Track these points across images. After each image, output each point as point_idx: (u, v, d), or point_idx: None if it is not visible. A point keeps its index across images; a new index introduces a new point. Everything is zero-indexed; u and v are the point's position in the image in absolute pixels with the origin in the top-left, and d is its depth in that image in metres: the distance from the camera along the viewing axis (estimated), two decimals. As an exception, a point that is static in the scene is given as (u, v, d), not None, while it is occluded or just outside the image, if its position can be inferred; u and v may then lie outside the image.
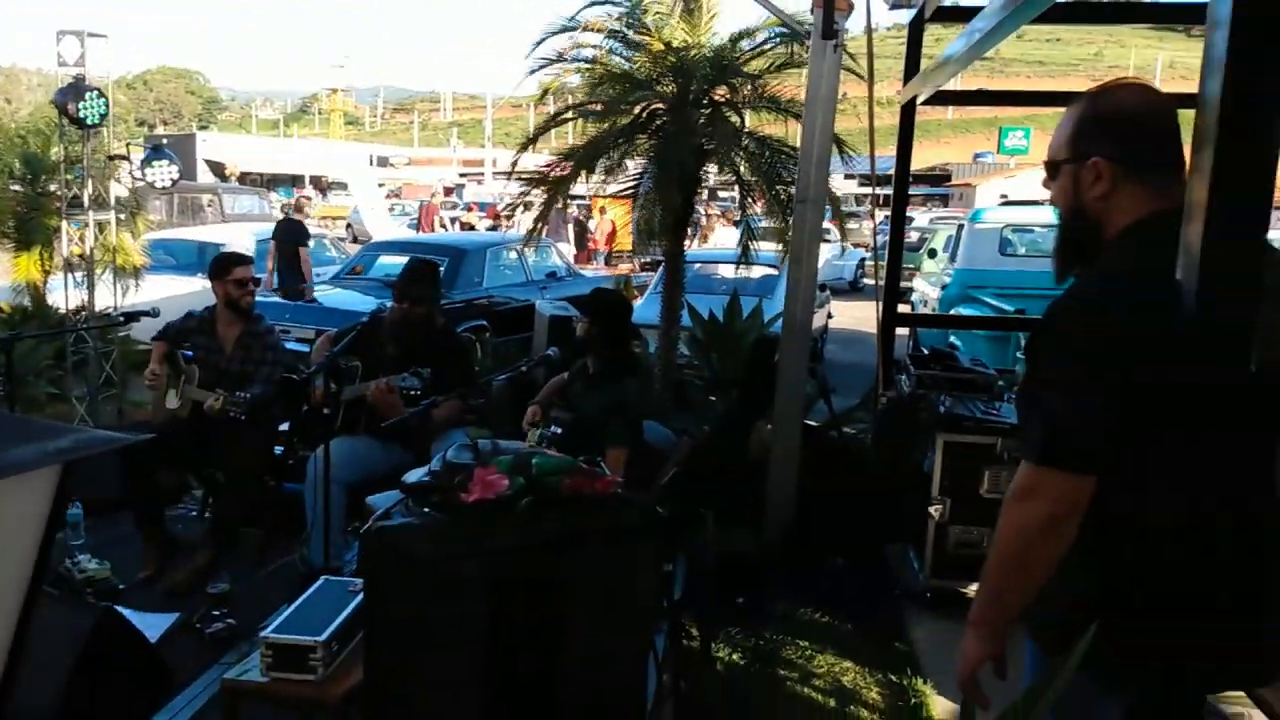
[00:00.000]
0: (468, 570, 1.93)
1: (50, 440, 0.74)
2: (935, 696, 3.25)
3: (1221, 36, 1.39)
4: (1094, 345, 1.52)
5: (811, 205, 4.71)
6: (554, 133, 7.53)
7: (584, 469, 2.16)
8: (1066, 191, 1.70)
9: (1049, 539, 1.56)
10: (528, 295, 9.13)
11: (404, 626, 2.02)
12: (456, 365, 4.31)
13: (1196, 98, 1.45)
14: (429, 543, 1.97)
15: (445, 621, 1.98)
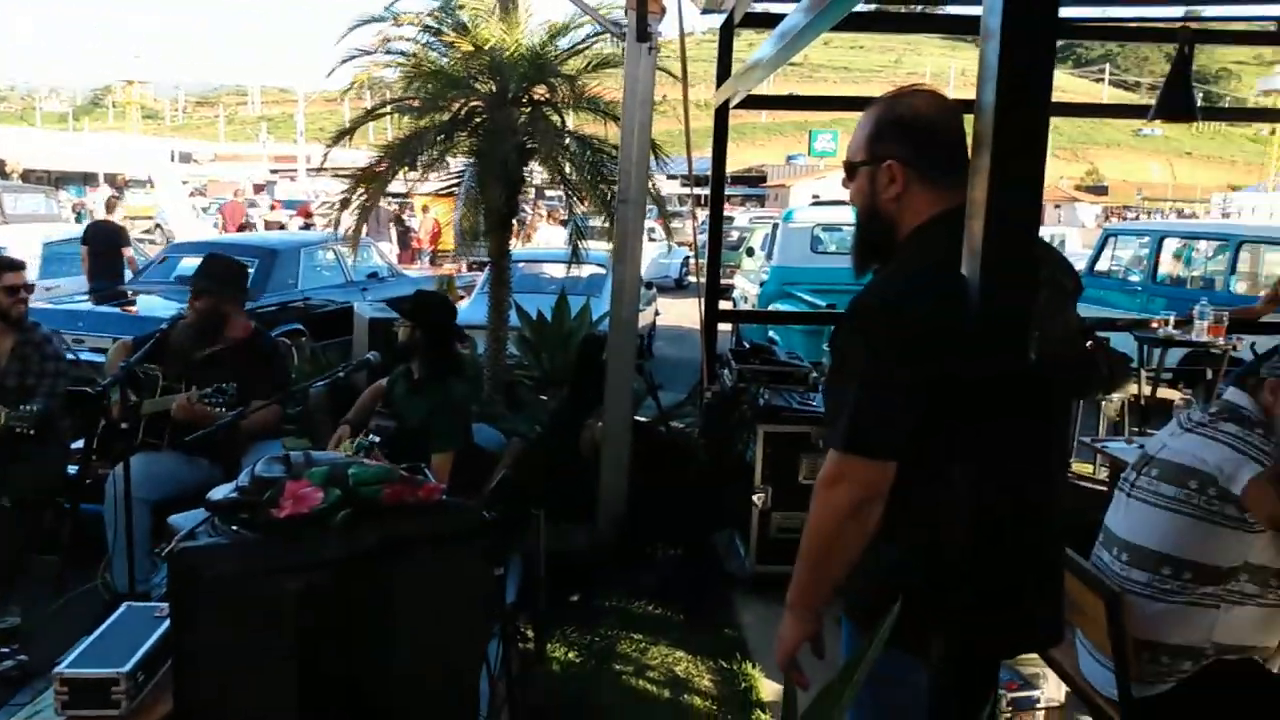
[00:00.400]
0: (282, 589, 1.84)
1: None
2: (764, 680, 3.37)
3: (993, 47, 1.50)
4: (890, 338, 1.61)
5: (633, 205, 4.78)
6: (373, 129, 7.29)
7: (405, 477, 2.10)
8: (863, 192, 1.78)
9: (855, 523, 1.64)
10: (347, 297, 8.81)
11: (216, 652, 1.91)
12: (268, 370, 4.11)
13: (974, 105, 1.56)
14: (239, 562, 1.86)
15: (260, 644, 1.88)
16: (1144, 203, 51.71)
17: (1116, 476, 3.87)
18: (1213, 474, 2.19)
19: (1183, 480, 2.24)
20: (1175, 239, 9.53)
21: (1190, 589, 2.19)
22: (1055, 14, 1.54)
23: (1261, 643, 2.23)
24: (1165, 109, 5.46)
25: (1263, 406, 2.28)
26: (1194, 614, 2.20)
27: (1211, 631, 2.19)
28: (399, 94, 6.49)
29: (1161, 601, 2.23)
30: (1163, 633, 2.23)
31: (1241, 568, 2.17)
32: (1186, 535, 2.21)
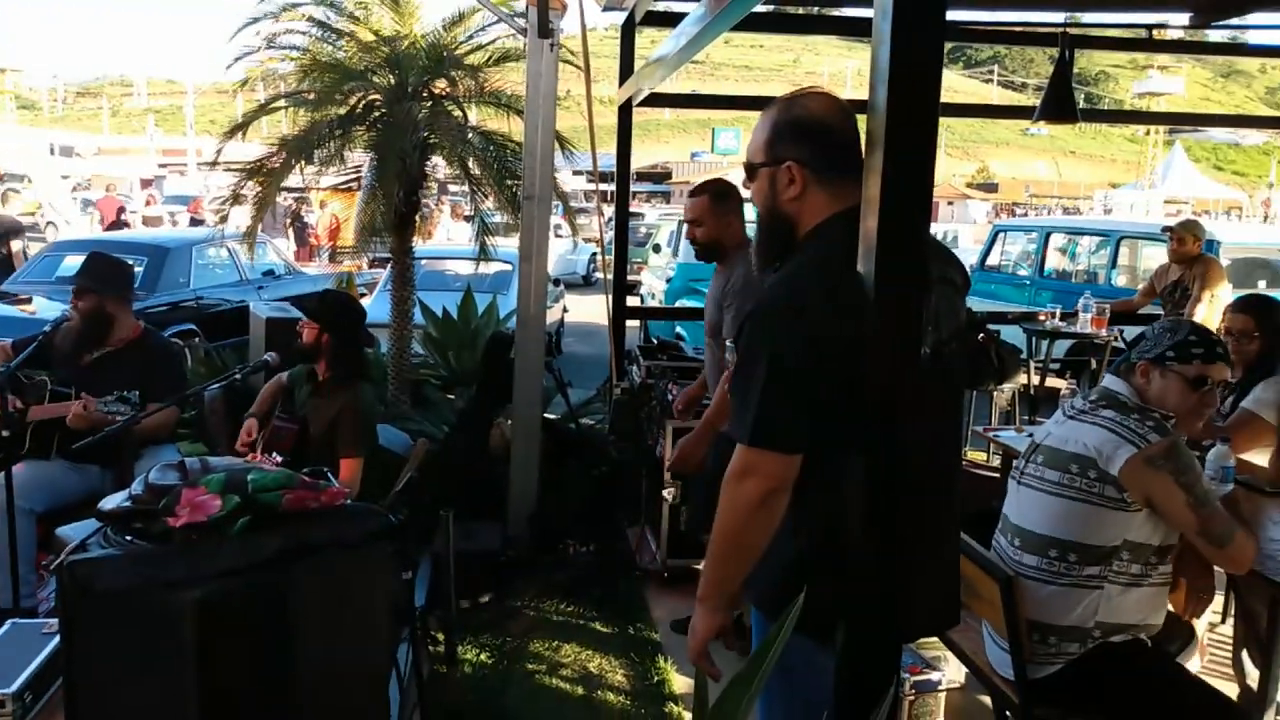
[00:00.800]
0: (180, 600, 1.77)
1: None
2: (676, 674, 3.40)
3: (884, 50, 1.55)
4: (791, 335, 1.64)
5: (539, 202, 4.76)
6: (267, 122, 7.08)
7: (306, 481, 2.04)
8: (764, 193, 1.82)
9: (762, 515, 1.68)
10: (242, 296, 8.54)
11: (111, 668, 1.83)
12: (160, 372, 3.94)
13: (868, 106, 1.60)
14: (134, 574, 1.79)
15: (158, 658, 1.81)
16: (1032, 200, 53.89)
17: (1009, 464, 4.04)
18: (1092, 457, 2.30)
19: (1065, 465, 2.34)
20: (1061, 235, 9.97)
21: (1075, 570, 2.30)
22: (943, 17, 1.59)
23: (1145, 620, 2.35)
24: (1049, 111, 5.71)
25: (1136, 390, 2.40)
26: (1080, 595, 2.30)
27: (1096, 612, 2.30)
28: (294, 87, 6.31)
29: (1050, 584, 2.33)
30: (1052, 614, 2.33)
31: (1122, 546, 2.28)
32: (1070, 518, 2.32)
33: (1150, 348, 2.43)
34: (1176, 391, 2.37)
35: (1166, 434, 2.27)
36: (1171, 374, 2.37)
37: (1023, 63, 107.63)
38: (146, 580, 1.78)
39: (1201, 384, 2.37)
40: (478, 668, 3.46)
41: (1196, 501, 2.24)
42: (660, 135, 77.09)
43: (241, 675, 1.85)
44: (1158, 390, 2.39)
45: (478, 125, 6.20)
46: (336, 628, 1.98)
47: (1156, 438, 2.25)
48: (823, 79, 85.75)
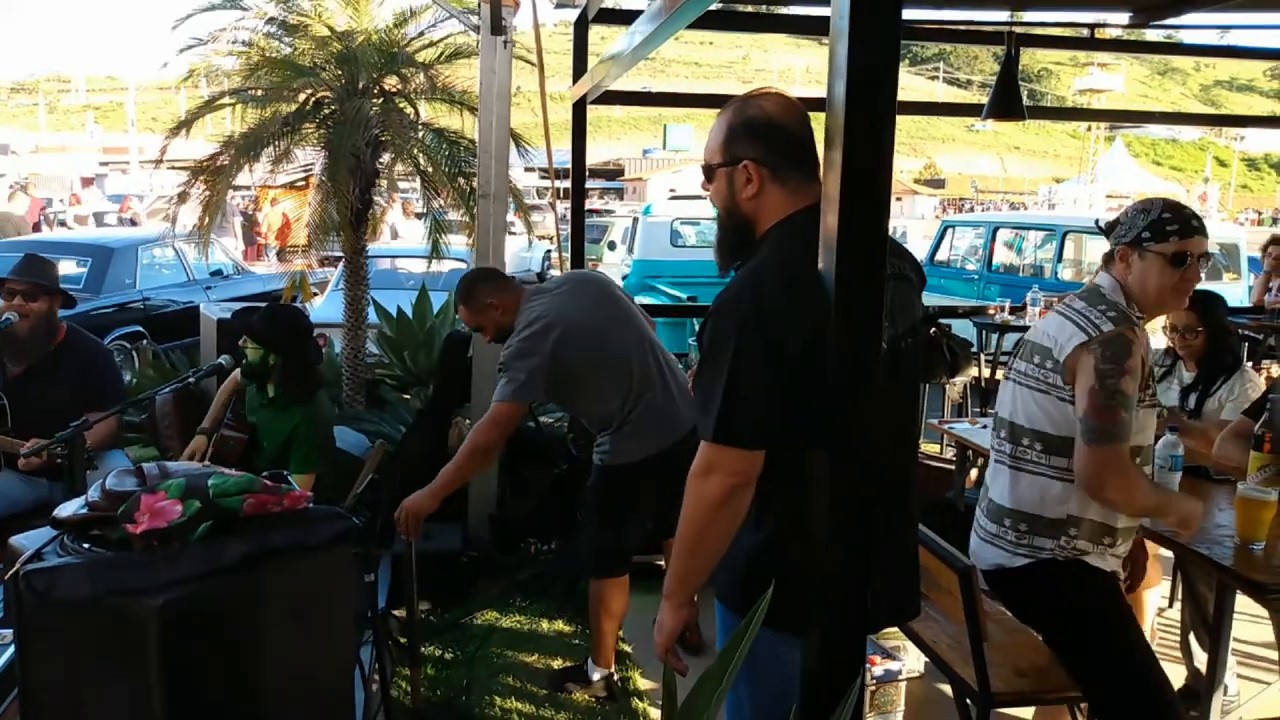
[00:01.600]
0: (142, 608, 1.74)
1: None
2: (639, 671, 3.42)
3: (842, 46, 1.57)
4: (753, 332, 1.67)
5: (494, 199, 4.75)
6: (213, 119, 6.94)
7: (269, 485, 2.02)
8: (722, 194, 1.84)
9: (727, 511, 1.71)
10: (190, 296, 8.39)
11: (70, 680, 1.80)
12: (99, 375, 3.83)
13: (825, 103, 1.63)
14: (93, 582, 1.76)
15: (121, 668, 1.78)
16: (978, 195, 54.79)
17: (963, 456, 4.13)
18: (1049, 346, 2.31)
19: (1031, 356, 2.37)
20: (1008, 230, 10.17)
21: (1043, 460, 2.33)
22: (899, 13, 1.61)
23: (1119, 524, 2.33)
24: (996, 109, 5.81)
25: (1118, 278, 2.35)
26: (1049, 485, 2.32)
27: (1066, 503, 2.31)
28: (240, 83, 6.21)
29: (1023, 471, 2.37)
30: (1025, 503, 2.36)
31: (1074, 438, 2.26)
32: (1035, 407, 2.33)
33: (1125, 232, 2.36)
34: (1156, 272, 2.29)
35: (1124, 325, 2.22)
36: (1150, 254, 2.29)
37: (967, 60, 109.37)
38: (107, 588, 1.75)
39: (1181, 261, 2.28)
40: (440, 668, 3.45)
41: (1102, 391, 2.17)
42: (612, 131, 76.97)
43: (206, 681, 1.82)
44: (1138, 274, 2.31)
45: (429, 122, 6.16)
46: (301, 631, 1.97)
47: (1110, 328, 2.21)
48: (772, 75, 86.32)
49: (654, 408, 3.16)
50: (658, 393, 3.19)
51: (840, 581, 1.69)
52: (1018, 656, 2.60)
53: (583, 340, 3.11)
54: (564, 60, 6.31)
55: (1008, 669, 2.53)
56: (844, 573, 1.69)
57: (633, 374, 3.17)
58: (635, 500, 3.27)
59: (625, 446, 3.18)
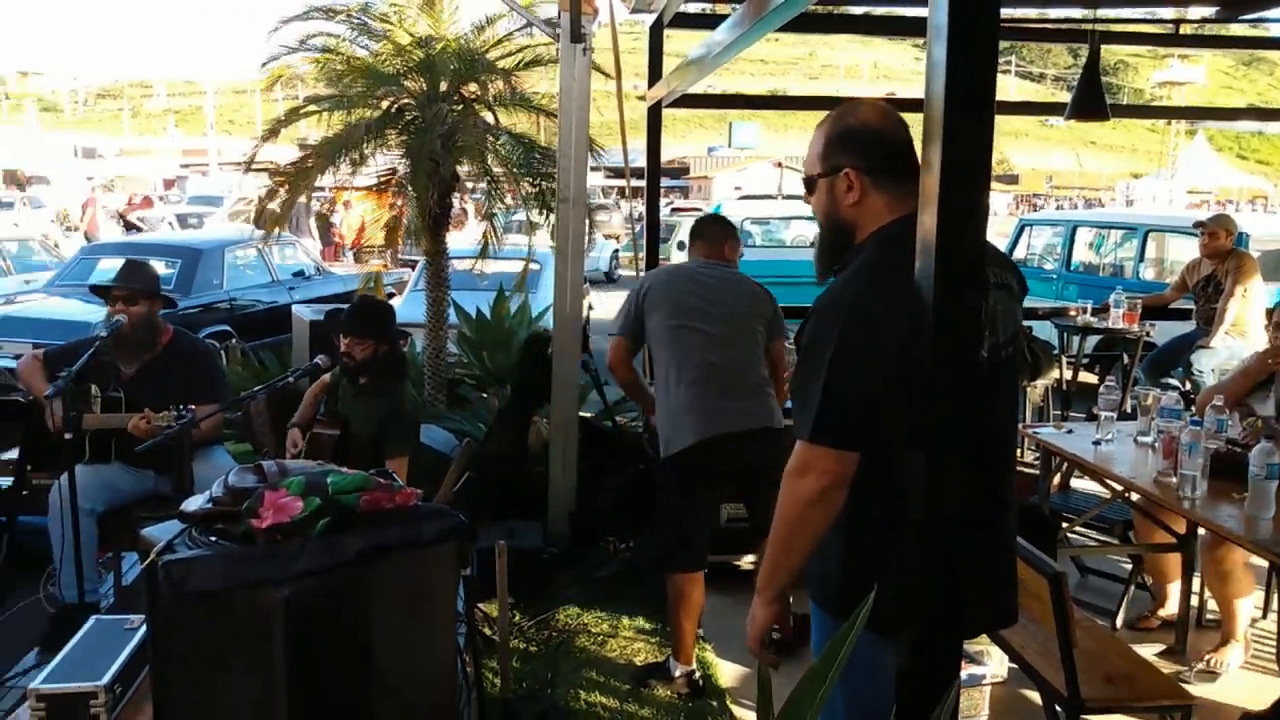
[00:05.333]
0: (268, 599, 1.85)
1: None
2: (722, 666, 3.47)
3: (941, 45, 1.58)
4: (850, 335, 1.71)
5: (573, 204, 4.83)
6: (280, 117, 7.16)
7: (381, 483, 2.13)
8: (823, 203, 1.88)
9: (819, 510, 1.74)
10: (274, 296, 8.67)
11: (199, 664, 1.92)
12: (203, 374, 4.02)
13: (922, 102, 1.63)
14: (224, 574, 1.87)
15: (246, 655, 1.90)
16: (1053, 191, 53.44)
17: (1047, 461, 4.08)
18: None
19: None
20: (1088, 229, 9.95)
21: None
22: (998, 10, 1.63)
23: None
24: (1079, 109, 5.72)
25: None
26: None
27: None
28: (316, 88, 6.41)
29: None
30: None
31: None
32: None
33: None
34: None
35: None
36: None
37: (1040, 53, 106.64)
38: (237, 580, 1.86)
39: None
40: (525, 661, 3.53)
41: None
42: (676, 130, 76.87)
43: (324, 669, 1.93)
44: None
45: (507, 128, 6.28)
46: (411, 623, 2.06)
47: None
48: (839, 72, 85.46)
49: (699, 398, 3.25)
50: (709, 386, 3.26)
51: (935, 585, 1.72)
52: (1107, 664, 2.58)
53: (655, 303, 3.42)
54: (629, 59, 6.37)
55: (1097, 676, 2.52)
56: (939, 577, 1.72)
57: (683, 357, 3.30)
58: (687, 493, 3.35)
59: (667, 435, 3.34)
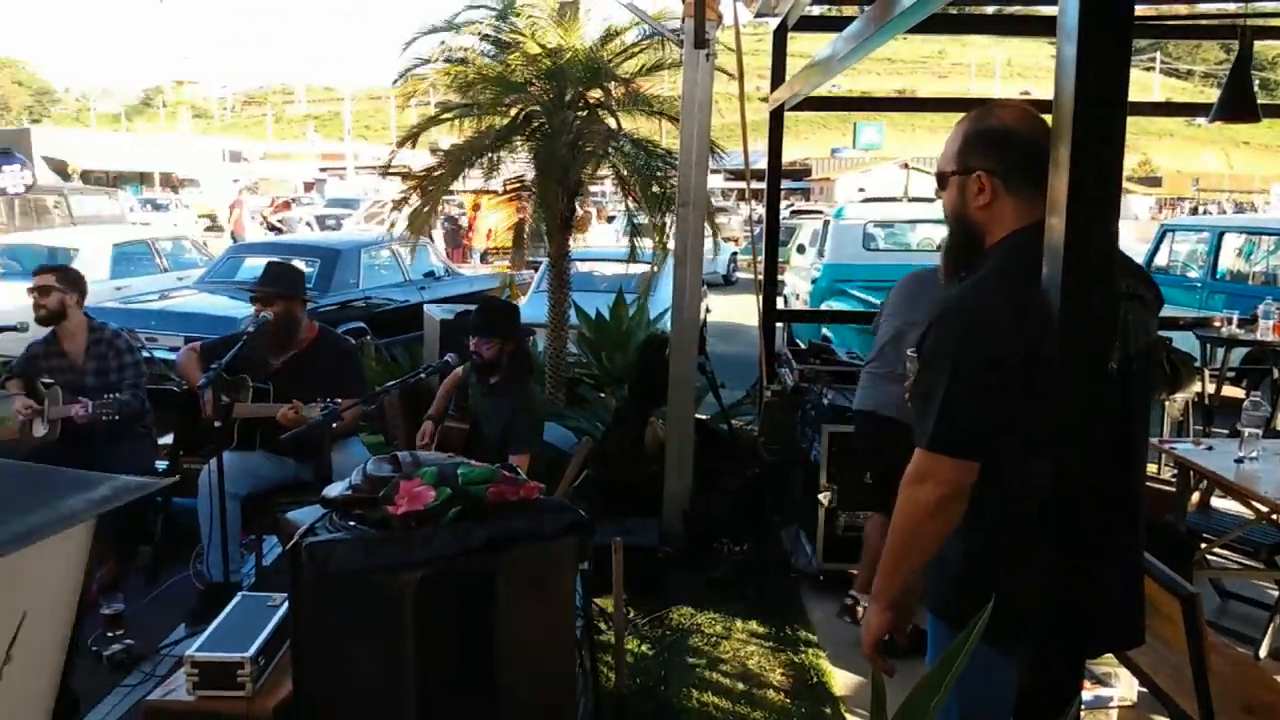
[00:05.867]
0: (402, 582, 1.97)
1: (91, 490, 0.76)
2: (835, 673, 3.46)
3: (1071, 43, 1.55)
4: (974, 343, 1.69)
5: (693, 208, 4.88)
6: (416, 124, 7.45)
7: (508, 477, 2.22)
8: (953, 201, 1.86)
9: (937, 519, 1.73)
10: (406, 296, 9.02)
11: (336, 640, 2.05)
12: (346, 369, 4.24)
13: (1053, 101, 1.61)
14: (361, 556, 1.99)
15: (380, 634, 2.01)
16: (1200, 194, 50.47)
17: (1185, 478, 3.90)
18: None
19: None
20: (1236, 234, 9.39)
21: None
22: (1132, 9, 1.59)
23: None
24: (1227, 110, 5.41)
25: None
26: None
27: None
28: (447, 96, 6.65)
29: None
30: None
31: None
32: None
33: None
34: None
35: None
36: None
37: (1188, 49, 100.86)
38: (375, 563, 1.98)
39: None
40: (639, 658, 3.60)
41: None
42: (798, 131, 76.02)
43: (451, 650, 2.03)
44: None
45: (629, 132, 6.39)
46: (533, 612, 2.15)
47: None
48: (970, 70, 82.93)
49: (875, 378, 3.62)
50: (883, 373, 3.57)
51: (1058, 600, 1.69)
52: (1248, 693, 2.47)
53: None
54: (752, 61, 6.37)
55: (1235, 706, 2.41)
56: (1062, 591, 1.69)
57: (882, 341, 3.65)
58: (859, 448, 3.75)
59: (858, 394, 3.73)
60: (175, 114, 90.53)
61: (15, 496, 0.73)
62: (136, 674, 3.29)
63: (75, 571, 0.81)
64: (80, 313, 4.34)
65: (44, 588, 0.76)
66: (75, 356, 4.30)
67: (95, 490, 0.77)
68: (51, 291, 4.23)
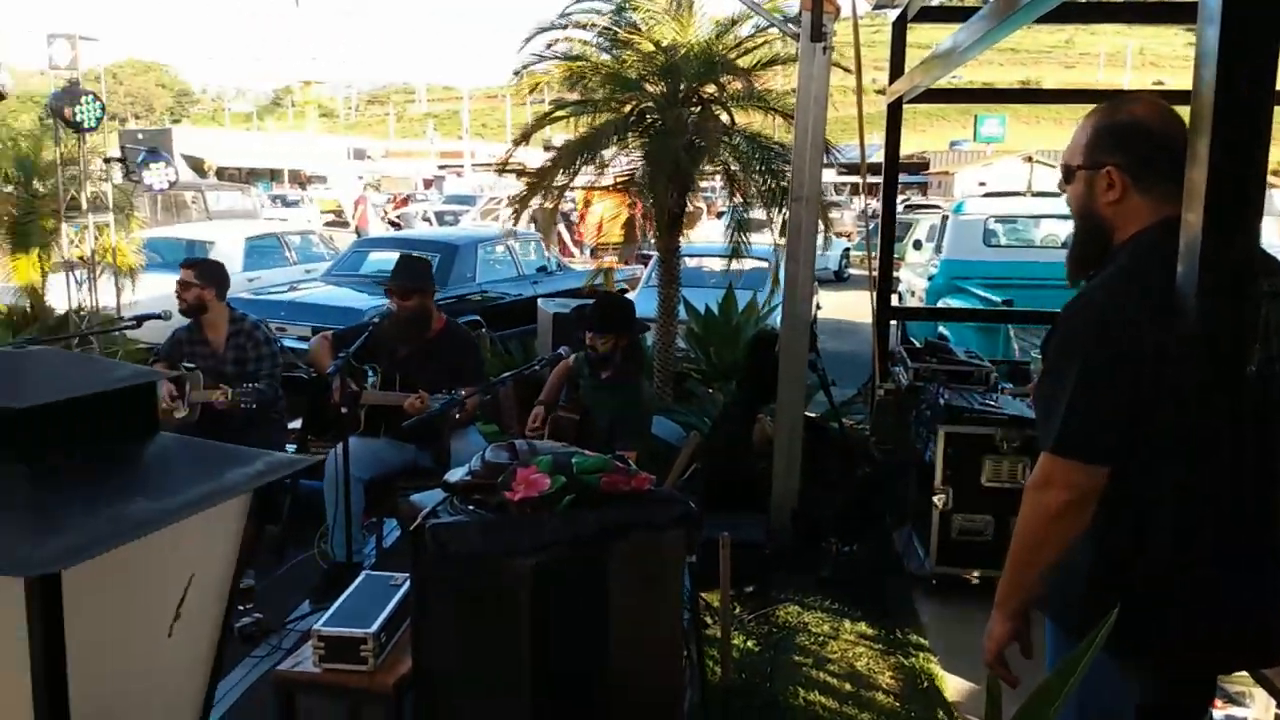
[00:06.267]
0: (518, 566, 2.03)
1: (249, 464, 0.82)
2: (947, 679, 3.39)
3: (1213, 29, 1.48)
4: (1104, 344, 1.64)
5: (806, 203, 4.83)
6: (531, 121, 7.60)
7: (620, 467, 2.26)
8: (1081, 196, 1.79)
9: (1063, 524, 1.68)
10: (519, 290, 9.21)
11: (454, 617, 2.12)
12: (469, 360, 4.37)
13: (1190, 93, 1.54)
14: (481, 539, 2.06)
15: (494, 614, 2.08)
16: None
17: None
18: None
19: None
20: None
21: None
22: None
23: None
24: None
25: None
26: None
27: None
28: (561, 93, 6.76)
29: None
30: None
31: None
32: None
33: None
34: None
35: None
36: None
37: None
38: (491, 546, 2.05)
39: None
40: (744, 654, 3.60)
41: None
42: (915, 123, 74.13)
43: (564, 634, 2.08)
44: None
45: (743, 127, 6.37)
46: (642, 601, 2.18)
47: None
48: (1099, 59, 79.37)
49: None
50: None
51: (1188, 612, 1.63)
52: (1398, 720, 2.31)
53: None
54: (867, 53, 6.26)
55: (1384, 732, 2.26)
56: (1192, 603, 1.62)
57: None
58: None
59: None
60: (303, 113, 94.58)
61: (181, 468, 0.80)
62: (264, 646, 3.47)
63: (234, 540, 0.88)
64: (221, 305, 4.57)
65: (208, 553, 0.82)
66: (217, 345, 4.54)
67: (253, 465, 0.83)
68: (190, 287, 4.48)
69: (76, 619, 0.67)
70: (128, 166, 6.88)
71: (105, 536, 0.64)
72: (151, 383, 0.89)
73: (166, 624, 0.81)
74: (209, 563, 0.84)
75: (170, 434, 0.92)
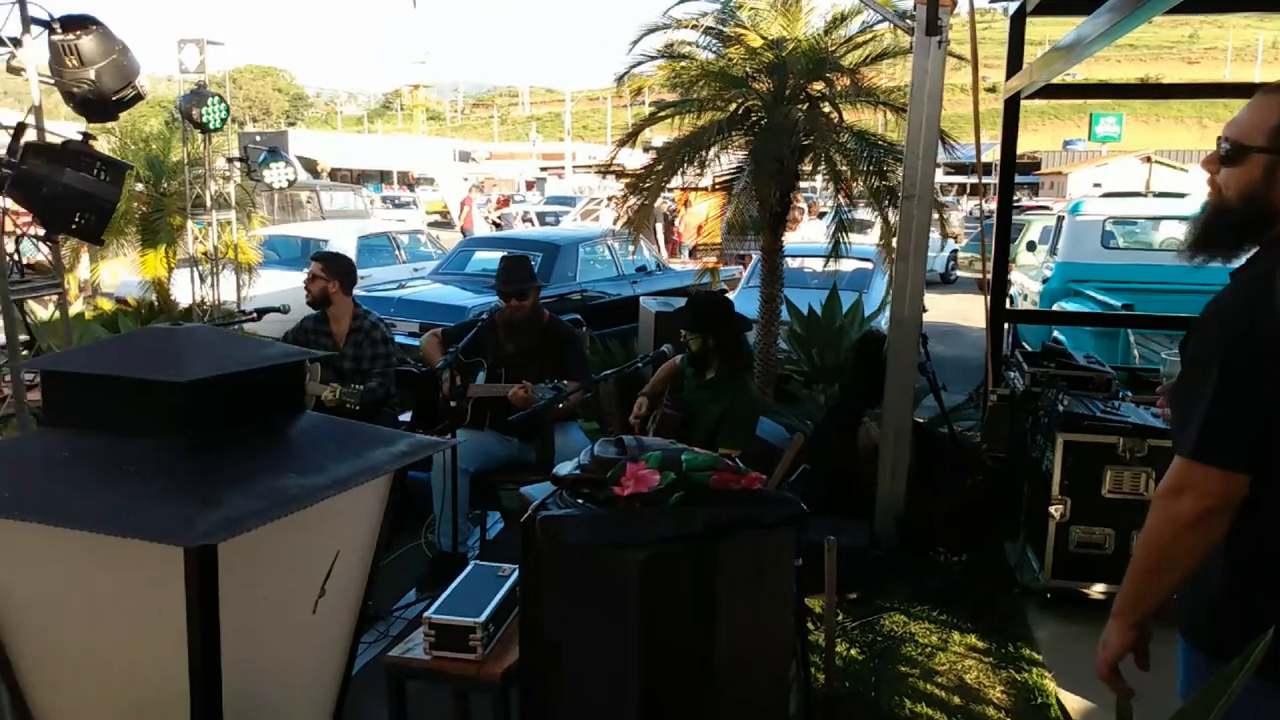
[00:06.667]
0: (627, 561, 2.02)
1: (393, 445, 0.84)
2: (1062, 696, 3.25)
3: None
4: (1249, 347, 1.54)
5: (919, 201, 4.71)
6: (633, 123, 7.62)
7: (730, 466, 2.23)
8: (1249, 180, 1.64)
9: (1195, 535, 1.59)
10: (619, 289, 9.26)
11: (562, 609, 2.13)
12: (572, 356, 4.41)
13: None
14: (590, 533, 2.06)
15: (603, 605, 2.08)
16: None
17: None
18: None
19: None
20: None
21: None
22: None
23: None
24: None
25: None
26: None
27: None
28: (662, 94, 6.74)
29: None
30: None
31: None
32: None
33: None
34: None
35: None
36: None
37: None
38: (601, 539, 2.05)
39: None
40: (848, 662, 3.53)
41: None
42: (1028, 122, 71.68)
43: (672, 632, 2.06)
44: None
45: (852, 125, 6.25)
46: (751, 600, 2.15)
47: None
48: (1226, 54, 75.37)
49: None
50: None
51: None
52: None
53: None
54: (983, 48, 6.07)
55: None
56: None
57: None
58: None
59: None
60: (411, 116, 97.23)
61: (329, 446, 0.82)
62: (372, 633, 3.56)
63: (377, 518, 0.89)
64: (346, 299, 4.71)
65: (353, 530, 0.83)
66: (339, 338, 4.69)
67: (396, 445, 0.84)
68: (316, 279, 4.64)
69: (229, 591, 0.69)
70: (249, 166, 7.19)
71: (259, 511, 0.66)
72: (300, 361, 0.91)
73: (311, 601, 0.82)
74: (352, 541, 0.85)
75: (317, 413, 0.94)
